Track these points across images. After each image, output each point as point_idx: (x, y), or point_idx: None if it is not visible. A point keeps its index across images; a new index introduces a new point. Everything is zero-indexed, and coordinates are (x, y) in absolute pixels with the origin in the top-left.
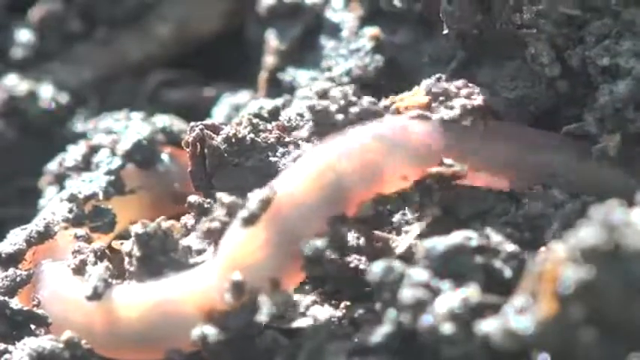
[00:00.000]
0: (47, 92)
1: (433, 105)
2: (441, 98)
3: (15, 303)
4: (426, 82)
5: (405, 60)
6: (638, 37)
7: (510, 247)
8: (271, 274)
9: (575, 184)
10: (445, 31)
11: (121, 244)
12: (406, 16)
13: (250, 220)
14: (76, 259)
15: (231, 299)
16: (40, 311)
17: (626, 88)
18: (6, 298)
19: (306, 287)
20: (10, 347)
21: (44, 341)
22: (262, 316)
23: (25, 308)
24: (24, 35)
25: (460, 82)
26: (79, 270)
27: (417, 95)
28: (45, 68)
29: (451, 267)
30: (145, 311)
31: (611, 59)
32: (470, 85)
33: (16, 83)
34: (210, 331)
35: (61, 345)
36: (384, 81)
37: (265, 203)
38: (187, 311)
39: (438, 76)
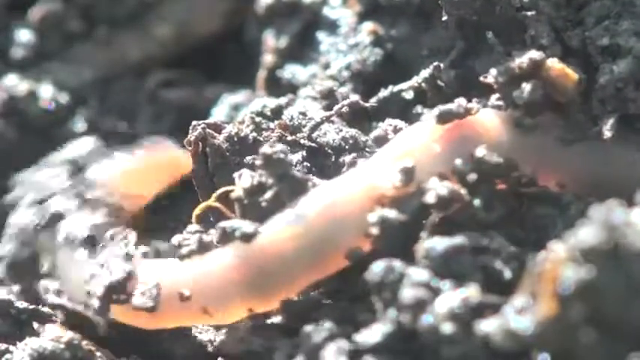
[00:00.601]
0: (47, 92)
1: None
2: None
3: (20, 302)
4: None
5: (404, 53)
6: (637, 17)
7: (511, 247)
8: (443, 168)
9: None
10: (444, 18)
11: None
12: (404, 9)
13: (444, 118)
14: (192, 243)
15: (401, 184)
16: (44, 309)
17: (627, 67)
18: (10, 297)
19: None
20: (12, 347)
21: (45, 341)
22: (430, 198)
23: (31, 307)
24: (24, 35)
25: None
26: (205, 247)
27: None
28: (45, 68)
29: (451, 267)
30: (312, 221)
31: (610, 39)
32: None
33: (16, 83)
34: (390, 213)
35: (62, 345)
36: (384, 74)
37: (467, 111)
38: (356, 208)
39: (436, 64)
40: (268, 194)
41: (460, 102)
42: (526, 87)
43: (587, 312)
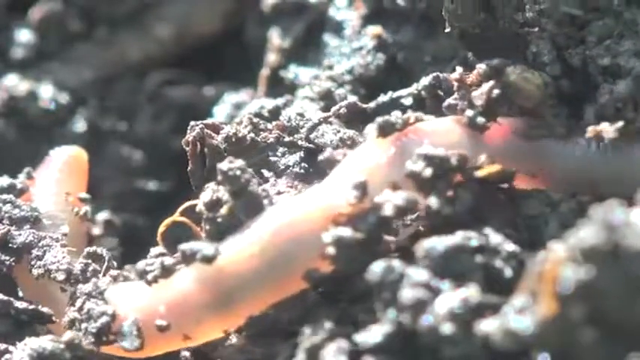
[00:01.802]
0: (47, 92)
1: None
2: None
3: (20, 302)
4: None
5: (407, 59)
6: (639, 38)
7: (510, 246)
8: (392, 179)
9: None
10: (447, 30)
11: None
12: (409, 15)
13: (385, 130)
14: (155, 268)
15: (355, 200)
16: (44, 309)
17: (626, 87)
18: (10, 297)
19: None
20: (11, 347)
21: (45, 341)
22: (388, 211)
23: (30, 307)
24: (24, 35)
25: None
26: (168, 271)
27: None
28: (45, 68)
29: (451, 267)
30: (268, 241)
31: (611, 59)
32: None
33: (16, 83)
34: (345, 232)
35: (61, 345)
36: (385, 80)
37: (405, 122)
38: (312, 228)
39: (435, 74)
40: (223, 210)
41: (397, 113)
42: (484, 87)
43: (587, 312)
